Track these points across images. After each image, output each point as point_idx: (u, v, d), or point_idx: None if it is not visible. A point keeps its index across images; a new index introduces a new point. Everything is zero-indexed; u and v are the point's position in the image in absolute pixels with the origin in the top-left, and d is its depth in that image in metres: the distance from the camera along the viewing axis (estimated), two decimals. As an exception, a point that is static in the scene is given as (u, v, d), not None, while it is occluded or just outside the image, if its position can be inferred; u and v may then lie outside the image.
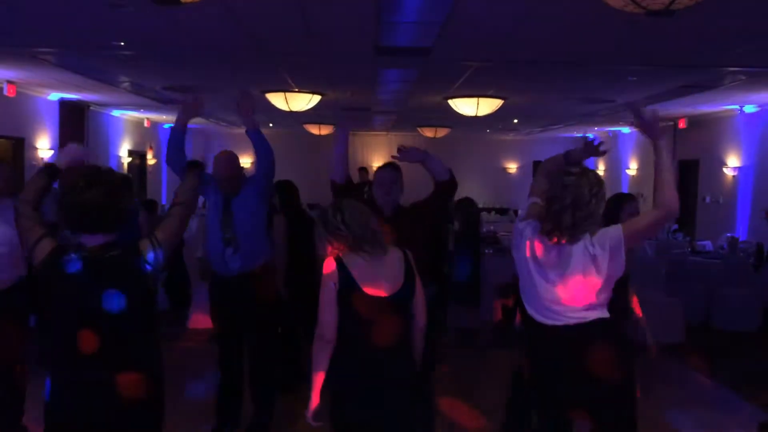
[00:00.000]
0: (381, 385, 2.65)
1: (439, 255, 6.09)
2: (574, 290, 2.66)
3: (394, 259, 2.72)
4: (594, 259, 2.62)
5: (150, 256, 2.37)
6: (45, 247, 2.35)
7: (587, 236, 2.64)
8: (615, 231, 2.64)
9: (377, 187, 3.62)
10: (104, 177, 2.37)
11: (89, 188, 2.31)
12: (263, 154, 4.03)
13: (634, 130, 14.43)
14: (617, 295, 2.86)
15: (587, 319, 2.66)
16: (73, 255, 2.32)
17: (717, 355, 6.51)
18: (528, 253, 2.77)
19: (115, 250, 2.35)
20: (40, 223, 2.45)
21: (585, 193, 2.63)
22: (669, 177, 2.69)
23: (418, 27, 5.85)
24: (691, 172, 12.04)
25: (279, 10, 5.18)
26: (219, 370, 4.27)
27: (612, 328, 2.73)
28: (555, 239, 2.67)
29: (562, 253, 2.68)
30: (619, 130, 15.17)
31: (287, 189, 5.38)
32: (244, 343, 4.24)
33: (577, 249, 2.65)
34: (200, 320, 6.59)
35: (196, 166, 2.76)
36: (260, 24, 5.64)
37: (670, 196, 2.63)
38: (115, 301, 2.31)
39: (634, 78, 7.94)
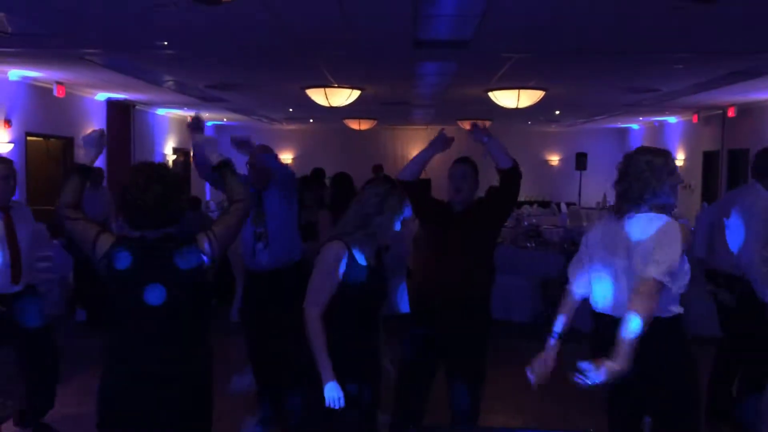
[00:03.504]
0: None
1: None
2: (630, 271, 2.59)
3: None
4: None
5: (207, 248, 2.42)
6: (106, 241, 2.42)
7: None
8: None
9: (448, 182, 3.62)
10: (162, 175, 2.41)
11: (148, 187, 2.36)
12: (275, 169, 4.09)
13: (681, 119, 14.07)
14: None
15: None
16: (133, 247, 2.39)
17: None
18: (597, 239, 2.79)
19: (173, 242, 2.41)
20: (91, 221, 2.51)
21: (640, 162, 2.66)
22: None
23: (457, 19, 5.81)
24: (741, 161, 11.68)
25: (317, 6, 5.20)
26: (250, 365, 4.33)
27: (674, 328, 2.63)
28: (620, 214, 2.67)
29: (620, 232, 2.65)
30: (666, 120, 14.81)
31: (343, 182, 5.28)
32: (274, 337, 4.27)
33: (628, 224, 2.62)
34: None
35: (226, 164, 2.68)
36: (299, 21, 5.68)
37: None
38: (172, 292, 2.37)
39: (681, 66, 7.72)
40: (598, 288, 2.74)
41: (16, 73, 8.57)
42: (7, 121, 8.55)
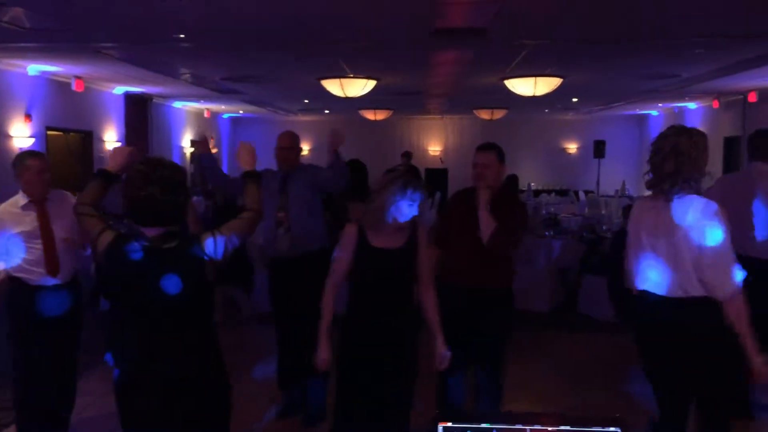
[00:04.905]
0: None
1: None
2: (677, 251, 2.65)
3: None
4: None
5: (209, 248, 2.41)
6: (106, 237, 2.43)
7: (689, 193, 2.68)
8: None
9: (472, 170, 3.59)
10: (162, 173, 2.39)
11: (146, 185, 2.35)
12: (339, 174, 4.25)
13: (701, 105, 13.88)
14: None
15: (690, 294, 2.65)
16: (133, 244, 2.39)
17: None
18: (638, 220, 2.85)
19: (174, 240, 2.40)
20: (101, 218, 2.54)
21: (684, 140, 2.73)
22: None
23: (473, 7, 5.76)
24: (763, 147, 11.47)
25: (333, -5, 5.19)
26: (278, 352, 4.33)
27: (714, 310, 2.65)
28: (660, 194, 2.72)
29: (665, 211, 2.70)
30: (686, 106, 14.63)
31: (357, 169, 5.25)
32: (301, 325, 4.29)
33: (678, 205, 2.66)
34: (262, 304, 6.75)
35: (253, 175, 2.75)
36: (315, 10, 5.66)
37: None
38: (171, 290, 2.36)
39: (701, 50, 7.61)
40: (648, 271, 2.78)
41: (35, 68, 8.65)
42: (28, 116, 8.64)
